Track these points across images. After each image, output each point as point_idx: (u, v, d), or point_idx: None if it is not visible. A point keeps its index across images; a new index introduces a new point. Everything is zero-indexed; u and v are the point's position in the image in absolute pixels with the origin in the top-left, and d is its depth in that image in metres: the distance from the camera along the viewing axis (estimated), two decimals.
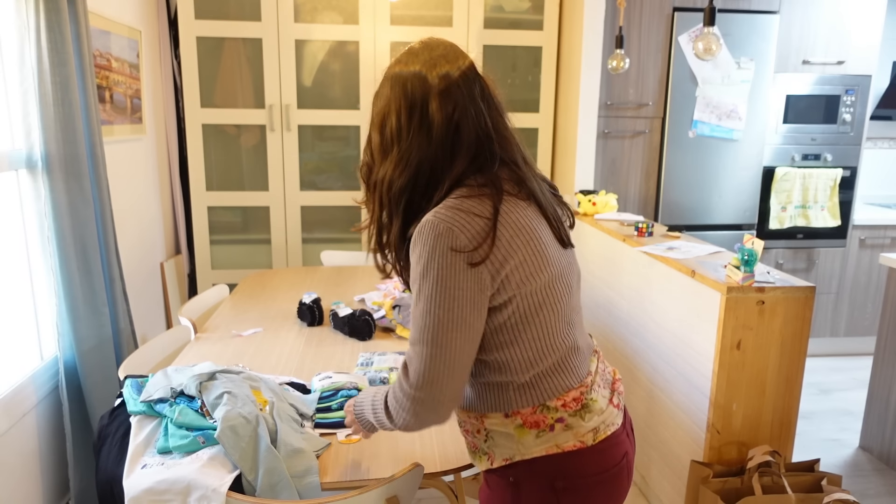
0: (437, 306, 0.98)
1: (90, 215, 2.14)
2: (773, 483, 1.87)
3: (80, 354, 2.11)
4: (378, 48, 3.29)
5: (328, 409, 1.59)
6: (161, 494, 1.29)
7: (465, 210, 1.00)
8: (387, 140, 1.08)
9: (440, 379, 0.99)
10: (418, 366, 1.00)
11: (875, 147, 4.28)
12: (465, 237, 0.97)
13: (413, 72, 1.06)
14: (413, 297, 1.02)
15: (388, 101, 1.08)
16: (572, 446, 1.05)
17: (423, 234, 0.99)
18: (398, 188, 1.06)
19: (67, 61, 1.99)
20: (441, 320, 0.98)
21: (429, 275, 0.98)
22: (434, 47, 1.08)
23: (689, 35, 3.35)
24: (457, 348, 0.99)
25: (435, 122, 1.05)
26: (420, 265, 0.99)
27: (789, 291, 1.86)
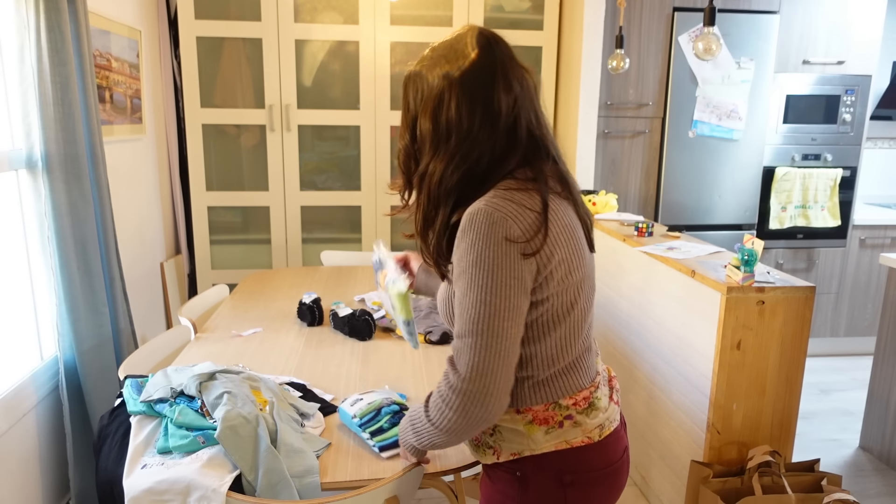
0: (491, 294, 0.95)
1: (90, 215, 2.14)
2: (773, 483, 1.86)
3: (80, 354, 2.11)
4: (378, 48, 3.29)
5: (381, 430, 1.49)
6: (161, 494, 1.29)
7: (517, 202, 0.98)
8: (441, 130, 1.03)
9: (493, 369, 0.96)
10: (470, 357, 0.96)
11: (875, 147, 4.28)
12: (519, 228, 0.96)
13: (474, 61, 1.02)
14: (460, 286, 0.99)
15: (443, 91, 1.02)
16: (580, 442, 1.07)
17: (476, 223, 0.96)
18: (452, 182, 1.03)
19: (67, 61, 1.99)
20: (496, 308, 0.95)
21: (482, 263, 0.95)
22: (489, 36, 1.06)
23: (689, 35, 3.35)
24: (510, 337, 0.97)
25: (500, 115, 1.02)
26: (472, 253, 0.96)
27: (789, 291, 1.86)
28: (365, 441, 1.47)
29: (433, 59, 1.05)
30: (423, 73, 1.05)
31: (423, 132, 1.05)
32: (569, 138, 3.39)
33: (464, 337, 0.98)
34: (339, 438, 1.51)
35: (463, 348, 0.97)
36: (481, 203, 0.98)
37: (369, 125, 3.38)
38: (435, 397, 1.04)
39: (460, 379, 0.97)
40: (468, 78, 1.01)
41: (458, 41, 1.04)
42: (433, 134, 1.04)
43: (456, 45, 1.04)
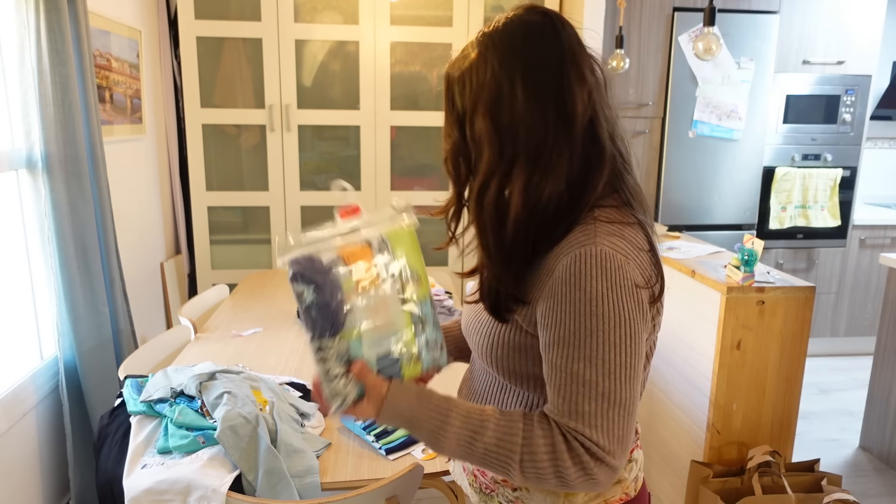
0: (630, 356, 0.78)
1: (90, 215, 2.14)
2: (773, 483, 1.87)
3: (80, 354, 2.10)
4: (378, 48, 3.29)
5: (385, 432, 1.47)
6: (161, 494, 1.29)
7: (630, 242, 0.81)
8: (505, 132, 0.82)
9: (629, 440, 0.79)
10: (617, 432, 0.77)
11: (875, 147, 4.28)
12: (641, 273, 0.80)
13: (539, 45, 0.85)
14: (578, 346, 0.78)
15: (501, 81, 0.83)
16: (618, 500, 0.93)
17: (602, 267, 0.77)
18: (543, 197, 0.82)
19: (67, 61, 1.99)
20: (636, 371, 0.79)
21: (617, 318, 0.77)
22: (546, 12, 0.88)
23: (689, 35, 3.35)
24: (637, 399, 0.80)
25: (575, 114, 0.82)
26: (601, 305, 0.77)
27: (789, 291, 1.86)
28: (370, 444, 1.47)
29: (487, 43, 0.87)
30: (475, 61, 0.86)
31: (479, 132, 0.85)
32: None
33: (603, 409, 0.77)
34: (339, 438, 1.51)
35: (605, 423, 0.77)
36: (593, 243, 0.79)
37: (369, 125, 3.38)
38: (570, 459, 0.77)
39: (609, 453, 0.77)
40: (531, 64, 0.83)
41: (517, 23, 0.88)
42: (495, 135, 0.83)
43: (514, 27, 0.87)
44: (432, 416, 0.81)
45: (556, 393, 0.79)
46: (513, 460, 0.78)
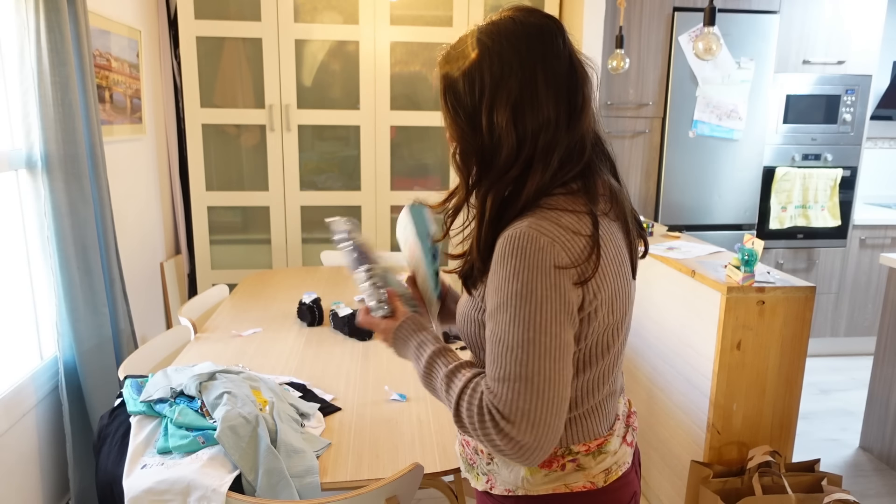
0: (540, 332, 0.81)
1: (90, 215, 2.14)
2: (773, 483, 1.86)
3: (80, 354, 2.10)
4: (378, 48, 3.29)
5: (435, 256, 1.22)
6: (161, 494, 1.29)
7: (565, 227, 0.85)
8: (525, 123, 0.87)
9: (547, 421, 0.81)
10: (520, 406, 0.81)
11: (875, 147, 4.28)
12: (568, 256, 0.83)
13: (551, 42, 0.88)
14: (499, 321, 0.84)
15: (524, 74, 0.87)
16: (581, 486, 0.96)
17: (520, 248, 0.82)
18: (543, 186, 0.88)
19: (67, 61, 1.99)
20: (547, 349, 0.81)
21: (529, 295, 0.81)
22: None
23: (689, 35, 3.35)
24: (563, 381, 0.83)
25: (579, 107, 0.89)
26: (515, 283, 0.82)
27: (789, 291, 1.86)
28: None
29: (497, 41, 0.88)
30: (484, 59, 0.88)
31: (499, 125, 0.87)
32: None
33: (508, 381, 0.82)
34: (339, 438, 1.51)
35: (509, 394, 0.82)
36: (525, 226, 0.83)
37: (369, 125, 3.38)
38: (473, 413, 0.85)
39: (514, 427, 0.81)
40: (550, 65, 0.87)
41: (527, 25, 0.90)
42: (515, 128, 0.87)
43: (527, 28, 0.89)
44: (414, 352, 0.99)
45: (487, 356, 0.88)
46: (451, 400, 0.89)
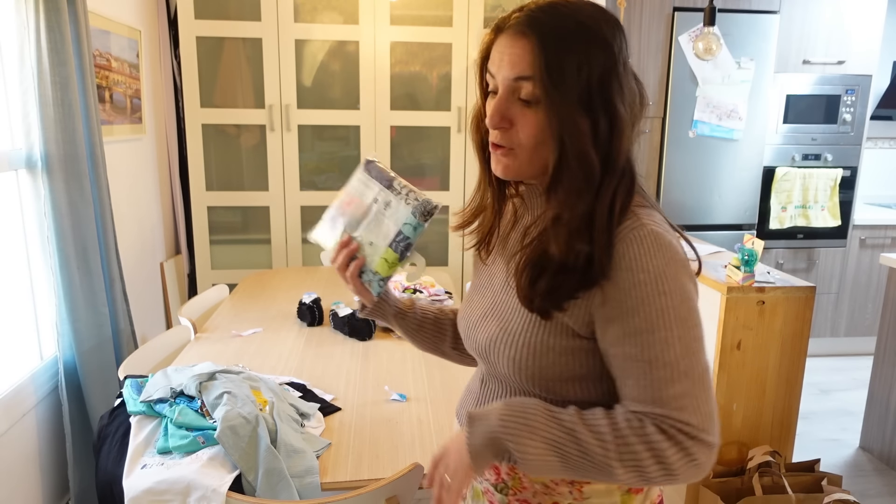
0: (696, 328, 0.78)
1: (90, 215, 2.14)
2: (773, 483, 1.86)
3: (80, 354, 2.10)
4: (378, 48, 3.29)
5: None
6: (161, 495, 1.29)
7: (661, 220, 0.84)
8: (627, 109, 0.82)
9: (716, 413, 0.77)
10: (706, 409, 0.75)
11: (875, 147, 4.28)
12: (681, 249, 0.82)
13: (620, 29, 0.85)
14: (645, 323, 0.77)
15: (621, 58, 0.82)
16: (657, 497, 0.94)
17: (656, 245, 0.78)
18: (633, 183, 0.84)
19: (67, 61, 1.99)
20: (702, 343, 0.79)
21: (682, 293, 0.78)
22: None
23: (689, 35, 3.35)
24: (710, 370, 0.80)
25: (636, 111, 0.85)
26: (665, 283, 0.77)
27: (789, 291, 1.86)
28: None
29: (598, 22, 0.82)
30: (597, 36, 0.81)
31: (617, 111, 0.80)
32: None
33: (689, 395, 0.75)
34: (339, 438, 1.51)
35: (693, 403, 0.75)
36: (641, 224, 0.79)
37: (369, 125, 3.37)
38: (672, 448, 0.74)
39: (705, 432, 0.75)
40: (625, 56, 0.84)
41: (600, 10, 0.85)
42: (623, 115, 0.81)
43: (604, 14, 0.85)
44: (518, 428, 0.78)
45: (636, 384, 0.77)
46: (610, 458, 0.75)
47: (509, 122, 0.83)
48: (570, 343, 0.83)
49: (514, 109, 0.82)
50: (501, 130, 0.84)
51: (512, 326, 0.88)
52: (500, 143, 0.85)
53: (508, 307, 0.90)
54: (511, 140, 0.84)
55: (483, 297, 0.97)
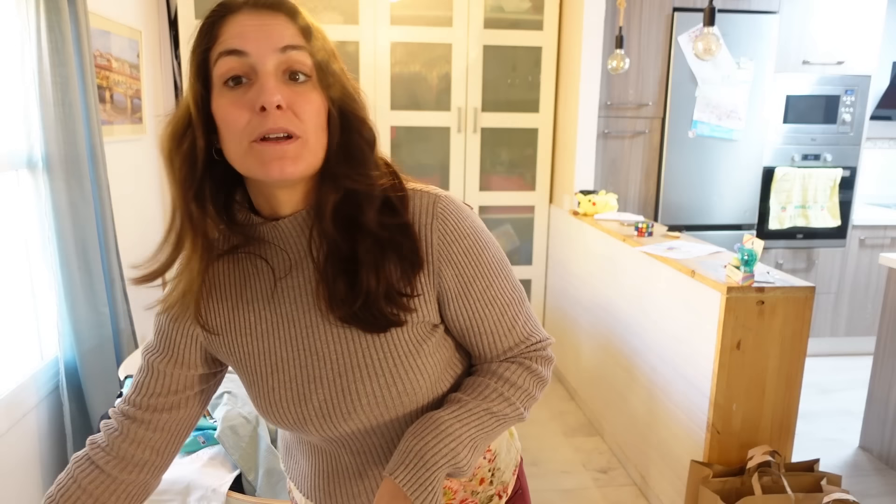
0: (505, 259, 0.85)
1: (90, 215, 2.14)
2: (773, 483, 1.87)
3: (80, 354, 2.11)
4: (378, 48, 3.29)
5: None
6: (161, 494, 1.29)
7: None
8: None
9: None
10: (535, 320, 0.86)
11: (875, 147, 4.28)
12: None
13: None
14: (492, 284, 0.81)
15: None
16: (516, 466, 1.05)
17: (460, 208, 0.80)
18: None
19: (67, 61, 1.99)
20: (510, 268, 0.86)
21: (491, 239, 0.83)
22: None
23: (689, 35, 3.35)
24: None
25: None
26: (481, 237, 0.80)
27: (789, 291, 1.86)
28: None
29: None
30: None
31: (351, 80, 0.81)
32: (569, 138, 3.39)
33: (522, 305, 0.85)
34: None
35: (527, 316, 0.85)
36: (436, 195, 0.80)
37: None
38: (535, 371, 0.84)
39: (545, 340, 0.87)
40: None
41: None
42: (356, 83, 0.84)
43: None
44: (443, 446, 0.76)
45: (493, 333, 0.83)
46: (519, 409, 0.82)
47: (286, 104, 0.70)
48: (433, 338, 0.81)
49: (284, 89, 0.70)
50: (280, 115, 0.69)
51: (387, 364, 0.78)
52: (284, 132, 0.70)
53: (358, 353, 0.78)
54: (295, 124, 0.70)
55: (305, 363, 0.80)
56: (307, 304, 0.79)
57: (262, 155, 0.70)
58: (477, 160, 3.49)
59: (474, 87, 3.39)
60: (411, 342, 0.79)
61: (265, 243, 0.80)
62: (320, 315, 0.78)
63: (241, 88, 0.70)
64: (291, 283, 0.80)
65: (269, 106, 0.68)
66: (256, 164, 0.71)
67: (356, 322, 0.76)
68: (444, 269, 0.78)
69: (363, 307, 0.75)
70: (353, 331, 0.78)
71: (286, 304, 0.80)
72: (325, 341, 0.79)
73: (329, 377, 0.79)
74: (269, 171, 0.70)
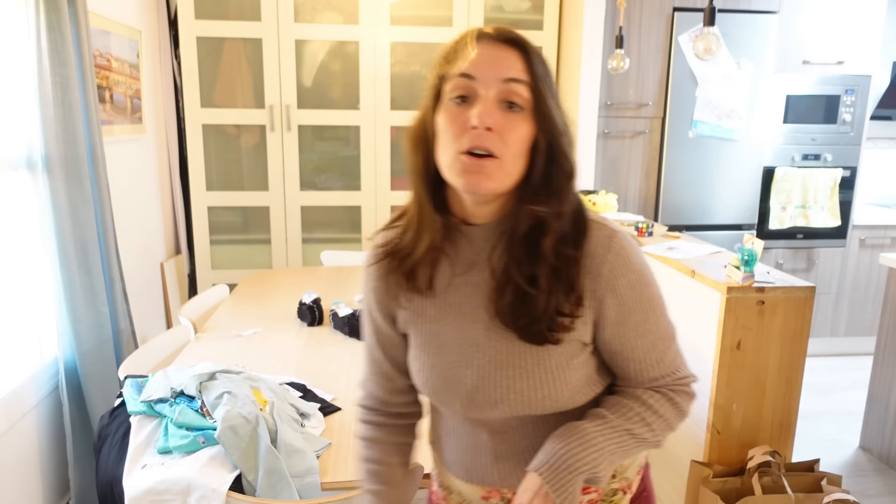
0: (662, 298, 0.91)
1: (90, 215, 2.14)
2: (773, 483, 1.86)
3: (80, 354, 2.11)
4: (378, 48, 3.29)
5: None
6: (161, 494, 1.29)
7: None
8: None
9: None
10: (682, 357, 0.94)
11: (875, 147, 4.28)
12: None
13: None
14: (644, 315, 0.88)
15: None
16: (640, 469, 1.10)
17: (632, 245, 0.88)
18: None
19: (67, 61, 1.99)
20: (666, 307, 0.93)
21: (653, 278, 0.90)
22: None
23: (689, 35, 3.35)
24: None
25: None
26: (646, 275, 0.88)
27: (789, 291, 1.86)
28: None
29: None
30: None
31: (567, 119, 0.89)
32: None
33: (672, 342, 0.92)
34: (339, 438, 1.51)
35: (675, 354, 0.92)
36: (613, 229, 0.88)
37: (369, 125, 3.38)
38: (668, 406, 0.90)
39: (692, 376, 0.93)
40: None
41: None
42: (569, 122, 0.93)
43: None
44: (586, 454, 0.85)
45: (643, 362, 0.89)
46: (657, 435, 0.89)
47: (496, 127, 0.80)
48: (582, 355, 0.89)
49: (498, 114, 0.80)
50: (487, 135, 0.79)
51: (541, 376, 0.87)
52: (486, 150, 0.79)
53: (515, 355, 0.87)
54: (497, 146, 0.80)
55: (465, 351, 0.90)
56: (476, 302, 0.89)
57: (464, 166, 0.80)
58: None
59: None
60: (563, 356, 0.87)
61: (452, 242, 0.90)
62: (487, 315, 0.88)
63: (463, 106, 0.82)
64: (467, 279, 0.90)
65: (480, 126, 0.79)
66: (457, 173, 0.81)
67: (517, 331, 0.86)
68: (607, 298, 0.86)
69: (527, 323, 0.84)
70: (513, 335, 0.87)
71: (458, 296, 0.90)
72: (486, 337, 0.89)
73: (484, 368, 0.88)
74: (466, 182, 0.81)
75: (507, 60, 0.81)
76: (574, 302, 0.85)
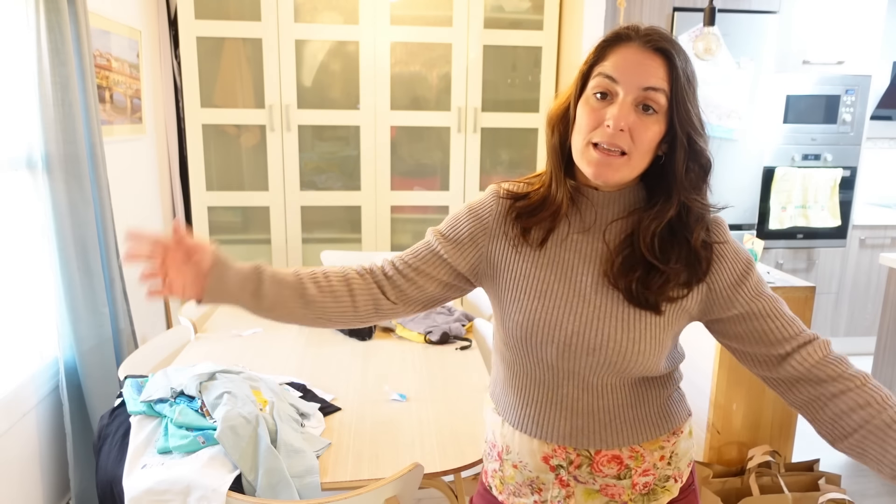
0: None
1: (90, 215, 2.14)
2: (772, 483, 1.87)
3: (80, 354, 2.11)
4: (378, 48, 3.29)
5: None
6: (161, 494, 1.29)
7: None
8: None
9: None
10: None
11: (875, 147, 4.28)
12: None
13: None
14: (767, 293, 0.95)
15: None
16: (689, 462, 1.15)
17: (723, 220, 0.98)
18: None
19: (67, 61, 1.99)
20: None
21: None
22: None
23: (690, 35, 3.35)
24: None
25: None
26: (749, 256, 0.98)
27: (789, 291, 1.86)
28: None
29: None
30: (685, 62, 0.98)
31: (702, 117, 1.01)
32: None
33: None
34: (339, 438, 1.51)
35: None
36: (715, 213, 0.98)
37: (369, 125, 3.38)
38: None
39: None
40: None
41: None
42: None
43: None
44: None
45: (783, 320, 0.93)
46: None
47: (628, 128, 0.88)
48: (679, 323, 0.95)
49: (632, 117, 0.88)
50: (620, 135, 0.87)
51: (640, 332, 0.93)
52: (617, 147, 0.88)
53: (619, 311, 0.93)
54: (628, 144, 0.88)
55: (570, 299, 0.95)
56: (589, 260, 0.96)
57: (594, 157, 0.89)
58: (477, 160, 3.49)
59: (474, 87, 3.39)
60: (664, 320, 0.93)
61: (576, 204, 0.98)
62: (597, 272, 0.95)
63: (603, 102, 0.89)
64: (583, 239, 0.97)
65: (614, 127, 0.87)
66: (586, 161, 0.90)
67: (625, 292, 0.92)
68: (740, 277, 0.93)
69: (641, 289, 0.91)
70: (620, 294, 0.93)
71: (570, 252, 0.97)
72: (594, 290, 0.94)
73: (587, 316, 0.93)
74: (594, 172, 0.90)
75: (650, 69, 0.88)
76: (690, 282, 0.92)
